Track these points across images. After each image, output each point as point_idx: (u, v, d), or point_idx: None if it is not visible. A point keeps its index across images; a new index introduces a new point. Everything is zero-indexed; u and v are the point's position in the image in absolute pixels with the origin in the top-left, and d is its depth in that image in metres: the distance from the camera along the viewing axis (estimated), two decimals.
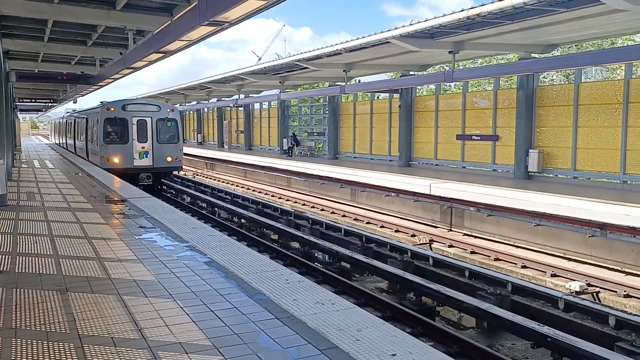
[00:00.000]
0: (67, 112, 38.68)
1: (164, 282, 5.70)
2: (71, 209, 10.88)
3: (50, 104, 47.13)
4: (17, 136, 34.37)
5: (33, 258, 6.78)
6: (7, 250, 7.21)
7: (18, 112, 44.74)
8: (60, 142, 41.45)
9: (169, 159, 21.59)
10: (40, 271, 6.17)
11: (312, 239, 13.00)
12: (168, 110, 21.95)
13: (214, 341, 4.16)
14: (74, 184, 15.40)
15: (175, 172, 24.58)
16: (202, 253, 6.97)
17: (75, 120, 30.68)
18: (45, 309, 4.87)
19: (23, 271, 6.18)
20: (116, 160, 20.66)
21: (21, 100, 38.14)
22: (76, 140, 29.87)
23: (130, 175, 19.87)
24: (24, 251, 7.21)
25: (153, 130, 21.25)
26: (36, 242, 7.71)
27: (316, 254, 12.95)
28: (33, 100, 41.91)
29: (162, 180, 23.40)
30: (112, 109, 20.84)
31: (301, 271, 10.56)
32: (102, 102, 22.89)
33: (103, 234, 8.29)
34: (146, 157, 21.11)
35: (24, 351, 3.96)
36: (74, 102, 35.42)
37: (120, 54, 16.62)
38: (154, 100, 28.76)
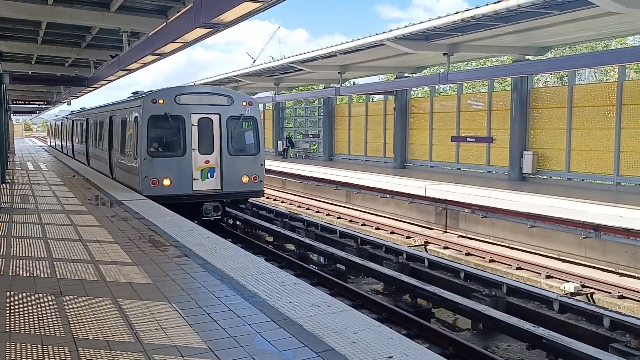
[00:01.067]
0: (73, 111, 30.96)
1: (158, 285, 5.68)
2: (65, 211, 10.82)
3: (44, 106, 46.90)
4: (10, 138, 34.21)
5: (27, 261, 6.73)
6: (1, 254, 7.16)
7: (11, 114, 44.54)
8: (63, 147, 33.54)
9: (245, 179, 13.92)
10: (35, 274, 6.13)
11: (307, 240, 13.00)
12: (244, 103, 14.09)
13: (210, 344, 4.14)
14: (67, 186, 15.33)
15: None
16: (197, 255, 6.95)
17: (87, 120, 22.39)
18: (39, 312, 4.84)
19: (17, 274, 6.14)
20: (167, 182, 13.12)
21: (14, 102, 37.96)
22: (90, 147, 21.68)
23: (187, 206, 13.16)
24: (17, 254, 7.16)
25: (222, 134, 13.65)
26: (30, 245, 7.67)
27: (312, 256, 12.94)
28: (26, 102, 41.68)
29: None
30: (161, 101, 13.23)
31: (297, 273, 10.55)
32: (135, 93, 16.28)
33: (97, 236, 8.25)
34: (211, 176, 13.60)
35: (19, 355, 3.93)
36: (67, 104, 35.26)
37: (115, 55, 16.57)
38: (221, 87, 18.12)
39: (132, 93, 16.43)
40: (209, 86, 18.33)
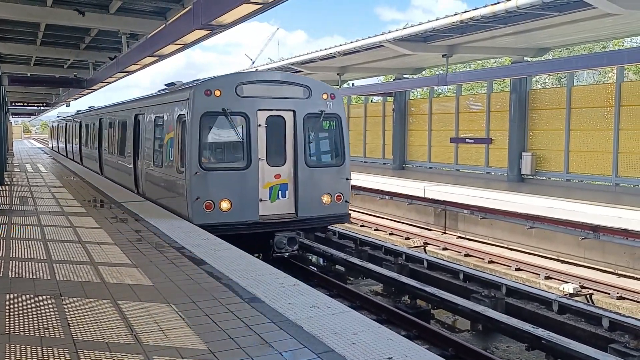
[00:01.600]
0: (79, 111, 27.79)
1: (158, 286, 5.68)
2: (64, 213, 10.82)
3: (42, 108, 46.88)
4: (9, 140, 34.19)
5: (26, 263, 6.73)
6: (0, 255, 7.16)
7: (10, 116, 44.52)
8: (68, 151, 29.86)
9: (327, 199, 10.54)
10: (34, 276, 6.12)
11: (306, 242, 13.00)
12: (324, 95, 10.64)
13: (210, 346, 4.15)
14: (67, 187, 15.32)
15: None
16: (196, 257, 6.95)
17: (100, 121, 18.90)
18: (39, 314, 4.84)
19: (16, 276, 6.14)
20: (225, 205, 9.76)
21: (13, 103, 37.95)
22: (104, 153, 18.14)
23: (252, 238, 9.84)
24: (17, 256, 7.15)
25: (297, 138, 10.30)
26: (29, 247, 7.66)
27: (310, 257, 12.94)
28: (25, 104, 41.66)
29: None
30: (218, 93, 9.79)
31: (296, 275, 10.52)
32: (171, 84, 12.76)
33: (97, 238, 8.25)
34: (283, 196, 10.26)
35: (19, 357, 3.93)
36: (66, 106, 35.25)
37: (114, 57, 16.58)
38: (295, 75, 14.45)
39: (166, 85, 13.04)
40: (279, 72, 12.77)
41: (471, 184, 17.34)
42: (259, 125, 9.95)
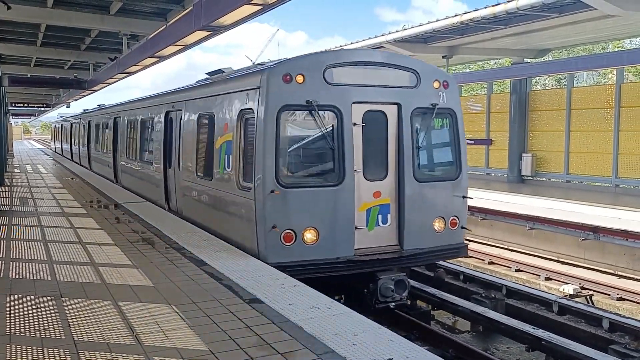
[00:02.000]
0: (86, 110, 25.38)
1: (158, 287, 5.68)
2: (65, 214, 10.82)
3: (42, 109, 46.91)
4: (9, 141, 34.21)
5: (27, 264, 6.73)
6: (1, 256, 7.16)
7: (10, 117, 44.56)
8: (74, 154, 27.15)
9: (439, 224, 7.94)
10: (35, 277, 6.13)
11: None
12: (436, 83, 8.00)
13: (210, 346, 4.15)
14: (67, 189, 15.32)
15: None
16: (196, 257, 6.95)
17: (115, 120, 16.46)
18: (39, 315, 4.84)
19: (17, 277, 6.14)
20: (310, 236, 7.13)
21: (13, 104, 37.99)
22: (119, 158, 15.84)
23: (344, 280, 7.64)
24: (17, 257, 7.16)
25: (403, 141, 7.69)
26: (30, 248, 7.67)
27: None
28: (25, 105, 41.73)
29: None
30: (301, 79, 7.12)
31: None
32: (216, 72, 9.80)
33: (97, 239, 8.25)
34: (384, 221, 7.62)
35: (19, 358, 3.94)
36: (67, 107, 35.27)
37: (114, 58, 16.60)
38: (398, 54, 9.85)
39: (209, 73, 9.98)
40: (378, 51, 9.73)
41: (471, 185, 17.24)
42: (354, 124, 7.28)
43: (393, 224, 7.57)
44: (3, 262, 6.82)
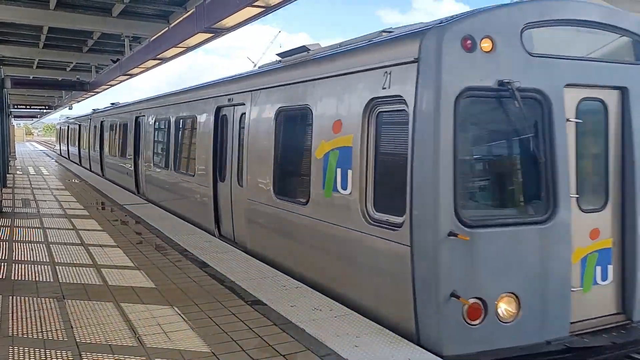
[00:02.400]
0: (95, 110, 22.47)
1: (161, 289, 5.68)
2: (67, 215, 10.83)
3: (45, 110, 47.01)
4: (11, 143, 34.29)
5: (29, 265, 6.74)
6: (3, 258, 7.17)
7: (12, 119, 44.67)
8: (82, 158, 24.88)
9: None
10: (37, 278, 6.13)
11: None
12: None
13: (213, 348, 4.15)
14: (69, 190, 15.34)
15: None
16: (199, 259, 6.95)
17: (136, 121, 14.08)
18: (42, 316, 4.85)
19: (19, 278, 6.15)
20: (509, 309, 4.39)
21: (15, 106, 38.08)
22: (143, 167, 13.45)
23: None
24: (20, 258, 7.16)
25: (631, 148, 4.91)
26: (32, 249, 7.68)
27: None
28: (27, 107, 41.82)
29: None
30: (487, 46, 4.36)
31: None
32: (299, 49, 6.92)
33: (100, 240, 8.25)
34: (604, 278, 4.88)
35: (21, 359, 3.94)
36: (69, 109, 35.37)
37: (116, 60, 16.64)
38: (613, 9, 5.47)
39: (280, 55, 7.46)
40: (595, 5, 5.26)
41: None
42: (567, 120, 4.74)
43: (616, 281, 5.01)
44: (5, 263, 6.83)
